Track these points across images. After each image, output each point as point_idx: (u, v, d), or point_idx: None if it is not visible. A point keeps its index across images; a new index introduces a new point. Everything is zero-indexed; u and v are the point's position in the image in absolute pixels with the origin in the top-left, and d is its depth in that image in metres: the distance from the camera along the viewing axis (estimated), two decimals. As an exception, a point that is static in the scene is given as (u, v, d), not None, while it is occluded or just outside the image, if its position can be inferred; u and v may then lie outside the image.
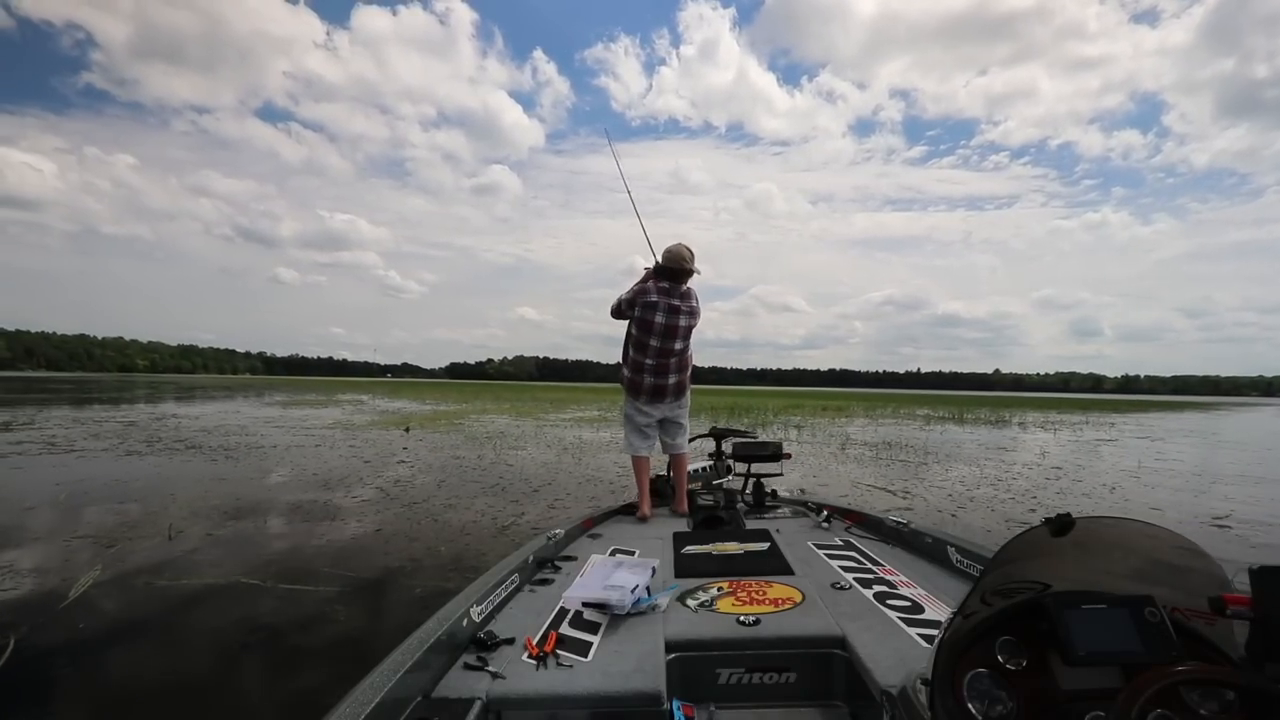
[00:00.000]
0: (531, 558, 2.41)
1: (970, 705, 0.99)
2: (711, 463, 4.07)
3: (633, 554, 2.65)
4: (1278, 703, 0.84)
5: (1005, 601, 1.08)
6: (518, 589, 2.18)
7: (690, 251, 3.45)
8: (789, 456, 3.92)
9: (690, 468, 4.80)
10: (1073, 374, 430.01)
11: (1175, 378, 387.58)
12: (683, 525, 3.28)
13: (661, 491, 4.15)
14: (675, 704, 1.55)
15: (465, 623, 1.74)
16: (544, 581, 2.30)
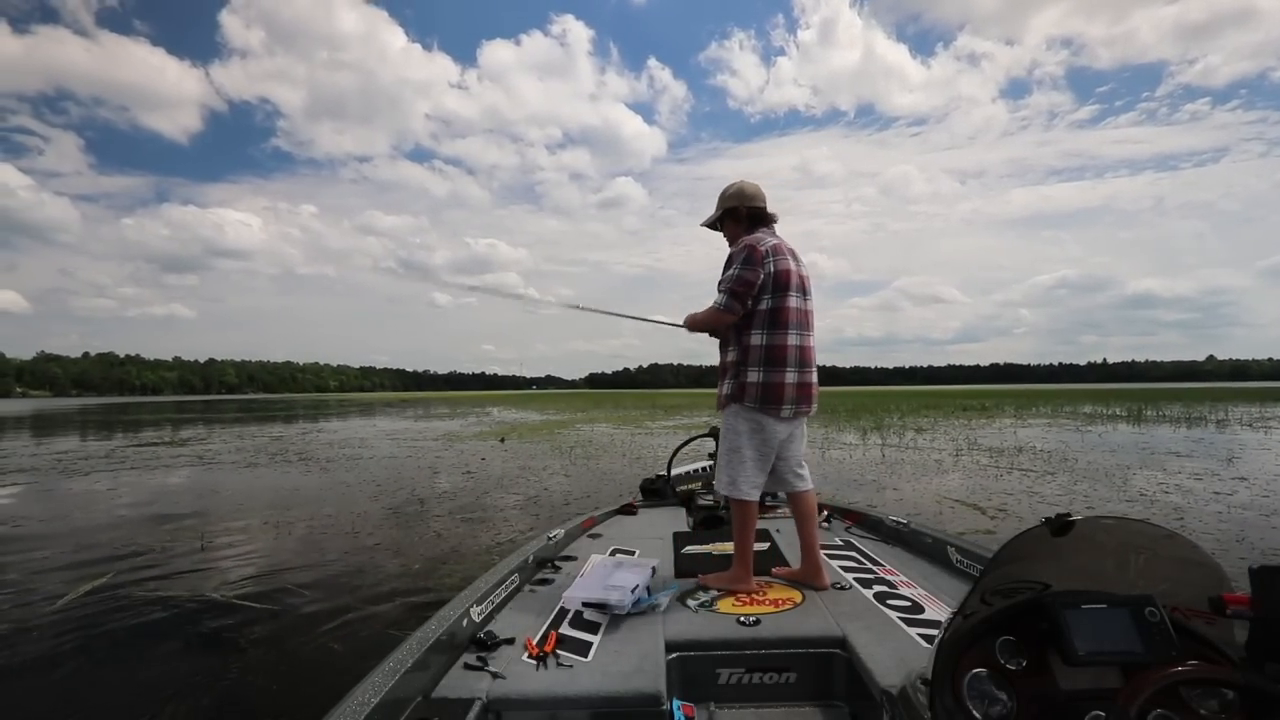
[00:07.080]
0: (531, 558, 2.42)
1: (970, 705, 0.99)
2: (711, 462, 3.88)
3: (633, 554, 2.66)
4: (1278, 703, 0.85)
5: (1005, 601, 1.06)
6: (518, 589, 2.20)
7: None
8: None
9: (690, 467, 4.28)
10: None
11: None
12: (682, 525, 3.25)
13: (660, 490, 3.99)
14: (675, 704, 1.55)
15: (465, 623, 1.77)
16: (544, 581, 2.31)
